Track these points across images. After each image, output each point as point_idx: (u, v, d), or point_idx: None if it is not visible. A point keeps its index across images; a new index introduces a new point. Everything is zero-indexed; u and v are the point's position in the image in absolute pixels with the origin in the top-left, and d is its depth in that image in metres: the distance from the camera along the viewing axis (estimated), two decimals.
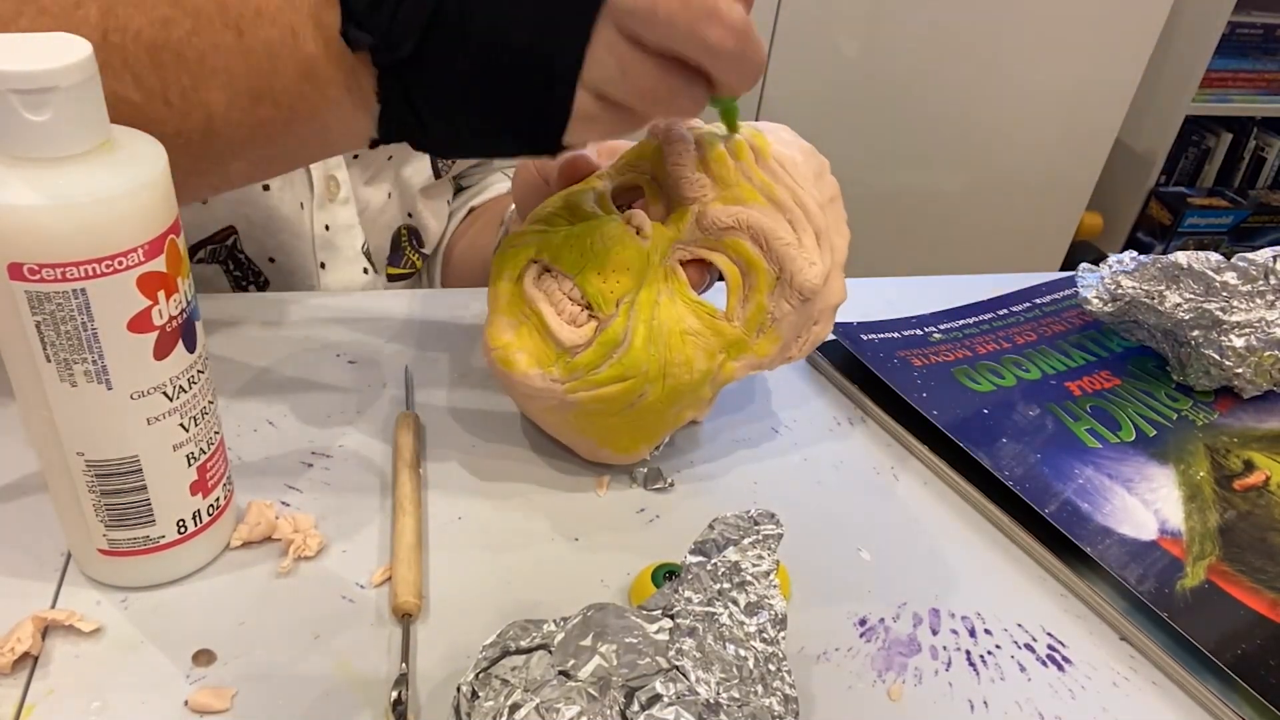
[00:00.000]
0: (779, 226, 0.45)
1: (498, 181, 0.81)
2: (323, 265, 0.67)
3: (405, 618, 0.40)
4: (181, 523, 0.39)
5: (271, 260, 0.65)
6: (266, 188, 0.62)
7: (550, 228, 0.46)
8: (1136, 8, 1.65)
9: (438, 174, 0.75)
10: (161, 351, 0.35)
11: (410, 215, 0.75)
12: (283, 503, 0.45)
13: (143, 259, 0.33)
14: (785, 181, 0.46)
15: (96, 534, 0.38)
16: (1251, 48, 2.18)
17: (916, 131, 1.70)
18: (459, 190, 0.82)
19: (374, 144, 0.42)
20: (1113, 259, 0.62)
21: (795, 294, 0.45)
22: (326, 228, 0.66)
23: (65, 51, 0.31)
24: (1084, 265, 0.63)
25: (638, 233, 0.44)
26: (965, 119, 1.70)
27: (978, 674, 0.41)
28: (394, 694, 0.36)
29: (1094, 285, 0.62)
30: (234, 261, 0.65)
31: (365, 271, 0.69)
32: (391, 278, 0.74)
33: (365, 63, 0.38)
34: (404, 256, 0.75)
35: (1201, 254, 0.60)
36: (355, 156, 0.68)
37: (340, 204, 0.67)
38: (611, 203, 0.47)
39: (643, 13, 0.36)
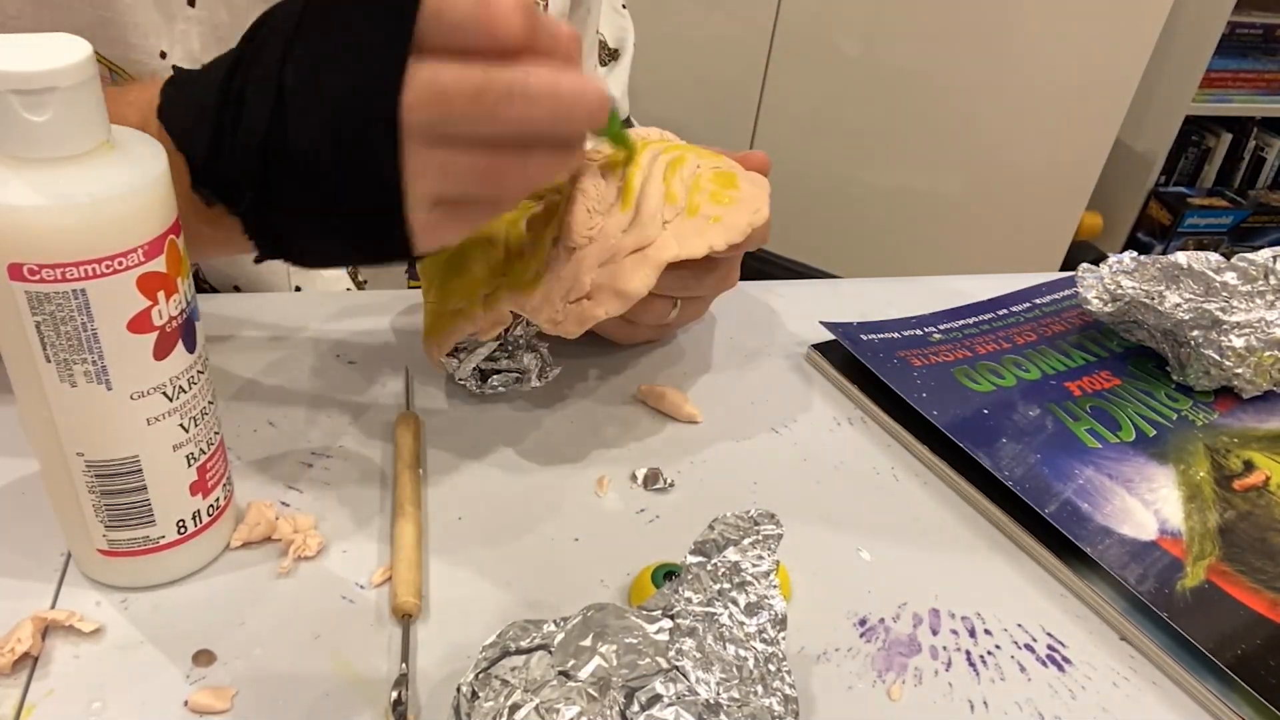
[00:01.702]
0: (589, 177, 0.46)
1: None
2: (298, 288, 0.66)
3: (405, 618, 0.40)
4: (181, 523, 0.39)
5: (237, 289, 0.64)
6: None
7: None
8: (1136, 8, 1.65)
9: None
10: (161, 352, 0.35)
11: None
12: (282, 503, 0.45)
13: (143, 259, 0.33)
14: (650, 165, 0.47)
15: (96, 534, 0.38)
16: (1251, 48, 2.18)
17: (916, 131, 1.70)
18: None
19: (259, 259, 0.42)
20: (1113, 259, 0.62)
21: (564, 241, 0.45)
22: None
23: (65, 52, 0.31)
24: (1084, 265, 0.63)
25: None
26: (965, 119, 1.70)
27: (978, 674, 0.41)
28: (394, 694, 0.36)
29: (1094, 285, 0.62)
30: (197, 290, 0.64)
31: (348, 290, 0.68)
32: (413, 289, 0.73)
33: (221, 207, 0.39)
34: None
35: (1201, 254, 0.60)
36: None
37: None
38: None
39: (438, 120, 0.35)
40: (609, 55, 0.79)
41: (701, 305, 0.57)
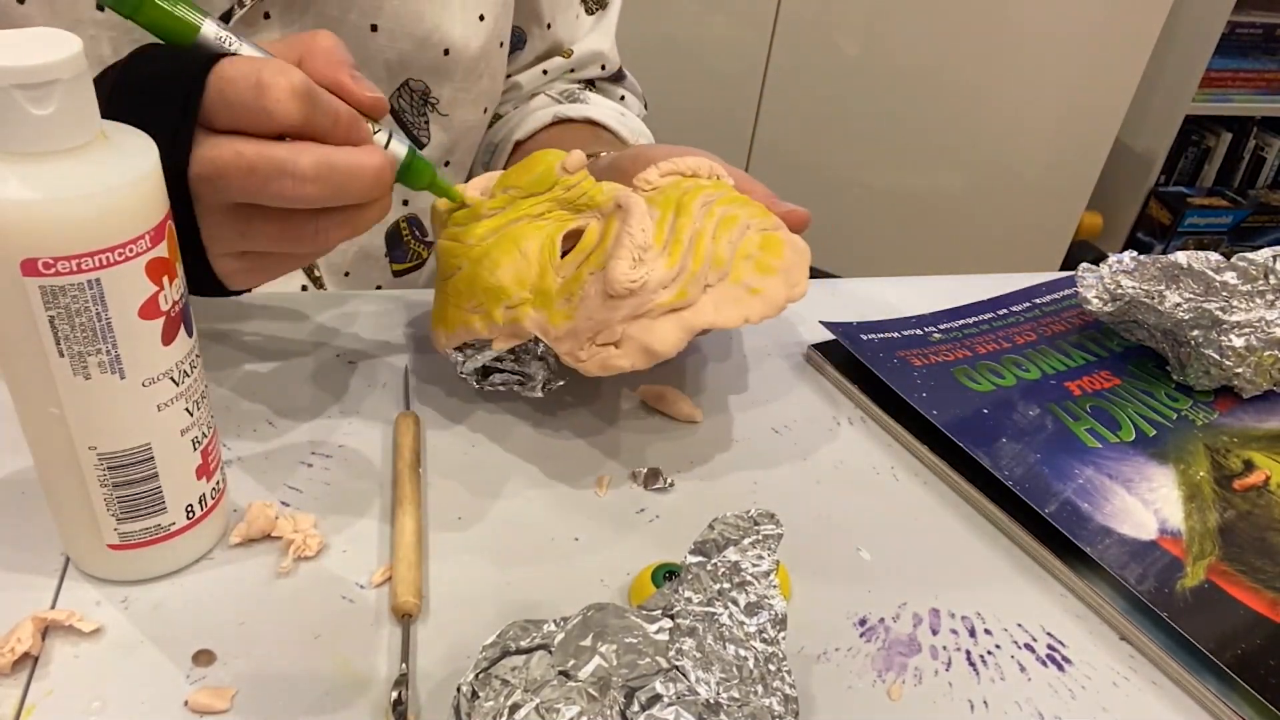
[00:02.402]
0: (639, 219, 0.45)
1: (540, 108, 0.76)
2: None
3: (405, 618, 0.40)
4: (190, 508, 0.40)
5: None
6: None
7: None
8: (1136, 8, 1.65)
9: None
10: (168, 336, 0.36)
11: (407, 203, 0.72)
12: (282, 503, 0.45)
13: (149, 245, 0.34)
14: (703, 218, 0.46)
15: (107, 529, 0.38)
16: (1251, 48, 2.18)
17: (916, 131, 1.70)
18: (494, 121, 0.78)
19: None
20: (1113, 259, 0.62)
21: (605, 287, 0.44)
22: None
23: (58, 44, 0.31)
24: (1084, 265, 0.63)
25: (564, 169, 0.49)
26: (965, 119, 1.70)
27: (978, 674, 0.41)
28: (394, 694, 0.36)
29: (1094, 285, 0.62)
30: None
31: (304, 289, 0.66)
32: (397, 274, 0.73)
33: None
34: (407, 250, 0.73)
35: (1201, 254, 0.60)
36: None
37: None
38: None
39: (222, 192, 0.40)
40: (596, 4, 0.79)
41: None
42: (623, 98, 0.82)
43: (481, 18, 0.66)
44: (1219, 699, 0.40)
